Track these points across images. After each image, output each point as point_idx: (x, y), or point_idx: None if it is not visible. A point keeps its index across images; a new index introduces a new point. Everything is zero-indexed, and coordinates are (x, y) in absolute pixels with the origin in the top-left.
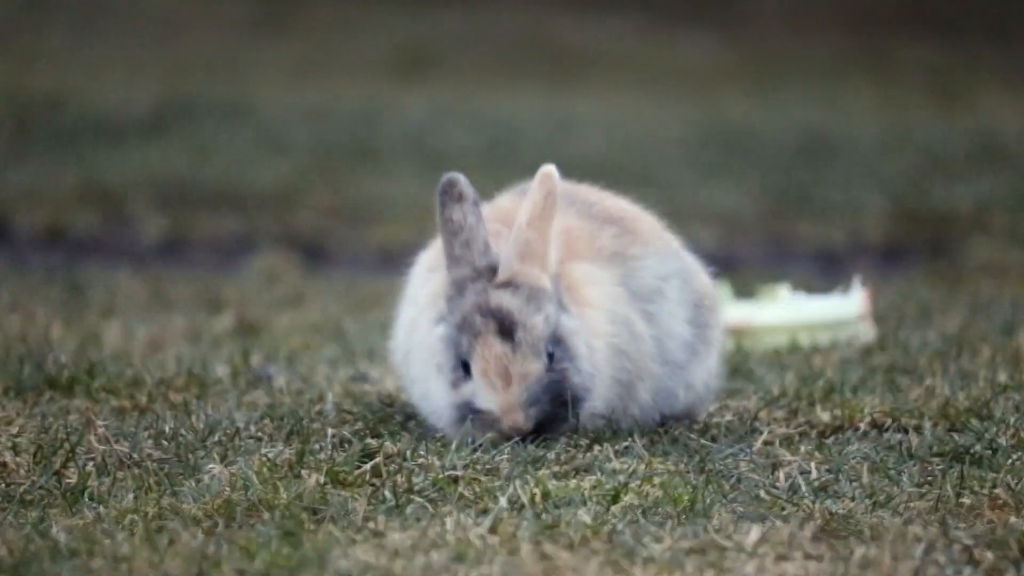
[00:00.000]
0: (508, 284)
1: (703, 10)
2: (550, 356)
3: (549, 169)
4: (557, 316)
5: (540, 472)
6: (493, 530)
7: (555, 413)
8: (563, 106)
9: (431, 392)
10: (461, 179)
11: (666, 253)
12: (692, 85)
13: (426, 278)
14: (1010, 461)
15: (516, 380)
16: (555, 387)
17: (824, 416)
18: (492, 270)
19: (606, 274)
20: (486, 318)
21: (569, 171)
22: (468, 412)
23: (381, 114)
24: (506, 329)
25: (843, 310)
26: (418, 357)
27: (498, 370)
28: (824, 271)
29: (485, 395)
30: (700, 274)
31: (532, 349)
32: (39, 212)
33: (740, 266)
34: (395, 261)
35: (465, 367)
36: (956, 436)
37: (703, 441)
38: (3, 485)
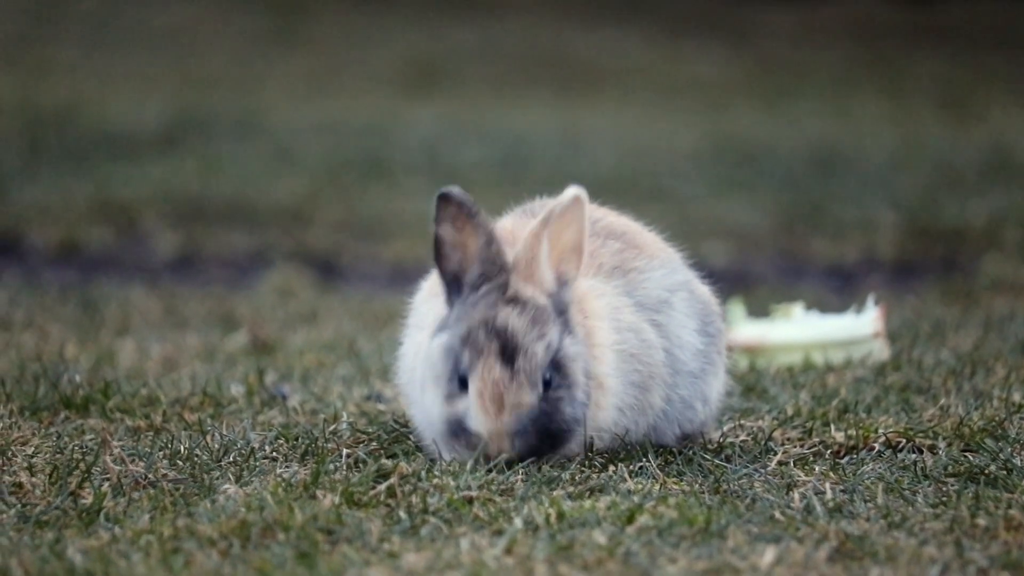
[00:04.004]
0: (515, 300)
1: (713, 22)
2: (548, 382)
3: (572, 190)
4: (560, 340)
5: (555, 493)
6: (508, 551)
7: (540, 445)
8: (574, 119)
9: (426, 402)
10: (455, 191)
11: (671, 265)
12: (703, 98)
13: (430, 306)
14: None
15: (509, 409)
16: (544, 419)
17: (839, 436)
18: (504, 272)
19: (607, 286)
20: (490, 337)
21: (580, 185)
22: (458, 429)
23: (393, 128)
24: (508, 353)
25: (857, 328)
26: (420, 375)
27: (493, 395)
28: (837, 288)
29: (477, 417)
30: (702, 286)
31: (529, 378)
32: (52, 228)
33: (753, 283)
34: (408, 277)
35: (463, 382)
36: (971, 456)
37: (718, 461)
38: (19, 506)
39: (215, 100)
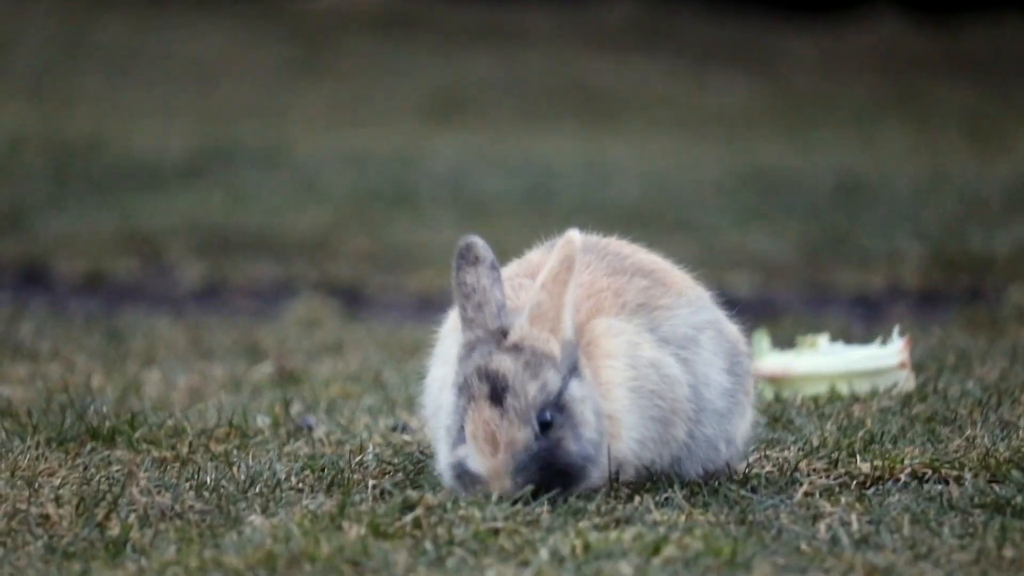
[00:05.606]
0: (513, 347)
1: (737, 52)
2: (548, 423)
3: (571, 234)
4: (562, 383)
5: (581, 524)
6: None
7: (550, 480)
8: (598, 150)
9: (438, 452)
10: (478, 243)
11: (699, 303)
12: (726, 128)
13: (454, 339)
14: None
15: (503, 447)
16: (546, 456)
17: (864, 467)
18: (504, 333)
19: (629, 325)
20: (482, 381)
21: (605, 216)
22: (462, 472)
23: (417, 158)
24: (497, 393)
25: (883, 359)
26: (440, 419)
27: (486, 435)
28: (862, 318)
29: (475, 459)
30: (731, 325)
31: (520, 416)
32: (78, 259)
33: (778, 313)
34: (433, 307)
35: (463, 429)
36: (997, 487)
37: (743, 492)
38: (46, 537)
39: (240, 131)
